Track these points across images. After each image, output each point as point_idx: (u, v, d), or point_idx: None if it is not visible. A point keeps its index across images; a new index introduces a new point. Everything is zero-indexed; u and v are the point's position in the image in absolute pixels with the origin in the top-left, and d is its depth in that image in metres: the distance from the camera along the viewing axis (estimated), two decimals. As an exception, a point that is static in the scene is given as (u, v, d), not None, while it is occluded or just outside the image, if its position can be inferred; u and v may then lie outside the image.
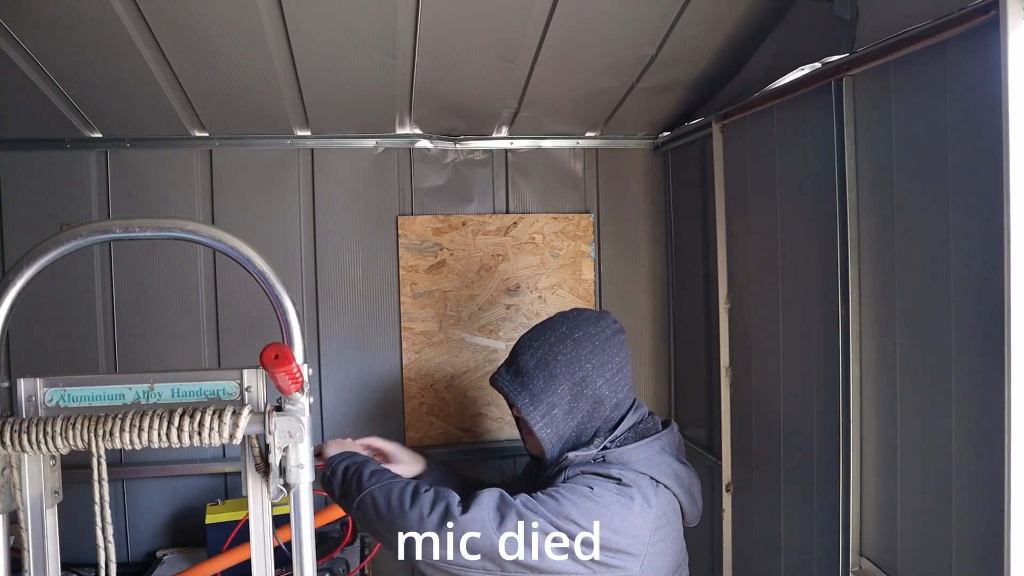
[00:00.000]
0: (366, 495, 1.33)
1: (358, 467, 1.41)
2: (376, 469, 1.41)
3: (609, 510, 1.25)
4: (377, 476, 1.38)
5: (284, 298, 0.94)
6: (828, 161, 1.42)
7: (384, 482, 1.35)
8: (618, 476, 1.30)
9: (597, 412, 1.40)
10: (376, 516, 1.30)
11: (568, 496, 1.26)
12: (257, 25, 1.48)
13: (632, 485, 1.29)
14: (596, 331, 1.42)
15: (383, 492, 1.32)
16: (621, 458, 1.35)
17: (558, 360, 1.39)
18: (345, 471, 1.41)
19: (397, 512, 1.27)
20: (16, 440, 0.86)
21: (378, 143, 2.18)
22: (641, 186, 2.33)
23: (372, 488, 1.33)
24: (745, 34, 1.62)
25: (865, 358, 1.38)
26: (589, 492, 1.27)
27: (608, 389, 1.39)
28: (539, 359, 1.40)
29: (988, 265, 1.04)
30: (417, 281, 2.20)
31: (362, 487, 1.35)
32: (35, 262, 0.90)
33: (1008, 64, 0.97)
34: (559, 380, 1.38)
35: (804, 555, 1.58)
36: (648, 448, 1.38)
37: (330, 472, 1.44)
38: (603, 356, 1.40)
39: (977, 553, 1.10)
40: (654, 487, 1.33)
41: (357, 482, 1.37)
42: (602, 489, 1.28)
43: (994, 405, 1.01)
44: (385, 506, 1.29)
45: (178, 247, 2.07)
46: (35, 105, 1.79)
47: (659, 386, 2.34)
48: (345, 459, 1.45)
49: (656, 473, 1.34)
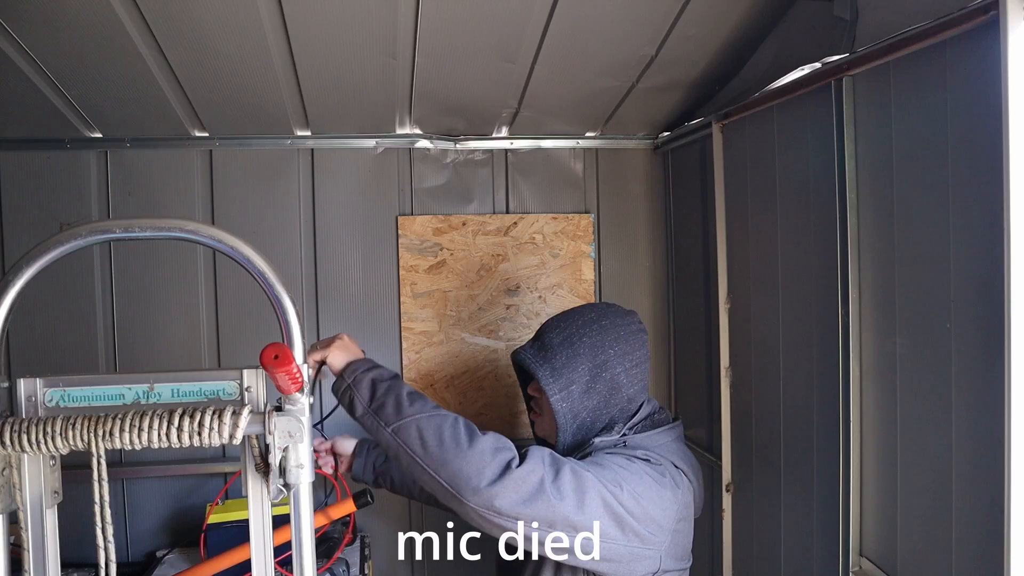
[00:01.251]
0: (409, 423, 1.21)
1: (390, 385, 1.27)
2: (412, 390, 1.28)
3: (645, 483, 1.29)
4: (419, 401, 1.25)
5: (284, 298, 0.94)
6: (828, 161, 1.42)
7: (430, 412, 1.23)
8: (645, 457, 1.34)
9: (613, 399, 1.43)
10: (423, 450, 1.19)
11: (610, 464, 1.28)
12: (257, 25, 1.48)
13: (662, 464, 1.34)
14: (622, 323, 1.47)
15: (434, 425, 1.21)
16: (643, 443, 1.40)
17: (583, 341, 1.43)
18: (373, 385, 1.27)
19: (452, 450, 1.18)
20: (16, 440, 0.87)
21: (378, 143, 2.18)
22: (641, 186, 2.33)
23: (418, 417, 1.22)
24: (745, 34, 1.62)
25: (865, 358, 1.38)
26: (628, 463, 1.30)
27: (626, 378, 1.43)
28: (564, 337, 1.44)
29: (988, 265, 1.04)
30: (417, 281, 2.20)
31: (402, 411, 1.22)
32: (35, 262, 0.90)
33: (1008, 64, 0.97)
34: (581, 359, 1.42)
35: (804, 555, 1.58)
36: (667, 435, 1.45)
37: (352, 381, 1.28)
38: (625, 347, 1.44)
39: (977, 553, 1.10)
40: (677, 472, 1.38)
41: (396, 404, 1.23)
42: (637, 464, 1.31)
43: (994, 405, 1.01)
44: (436, 441, 1.19)
45: (178, 247, 2.07)
46: (35, 105, 1.79)
47: (659, 386, 2.34)
48: (370, 369, 1.30)
49: (676, 459, 1.40)
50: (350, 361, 1.31)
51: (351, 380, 1.28)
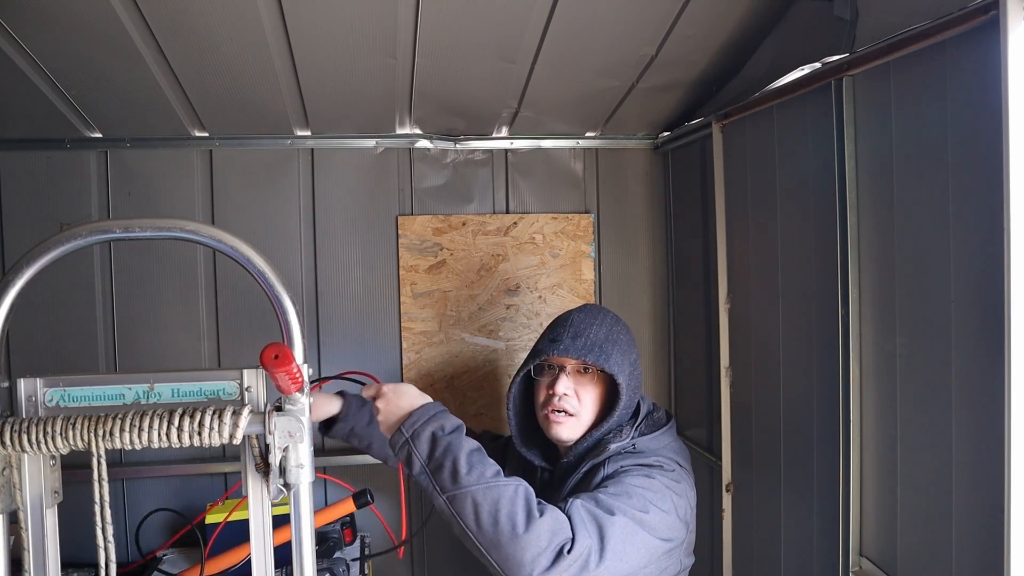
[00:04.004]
0: (464, 495, 1.15)
1: (450, 443, 1.20)
2: (472, 449, 1.20)
3: (667, 497, 1.33)
4: (478, 466, 1.18)
5: (284, 298, 0.94)
6: (828, 161, 1.42)
7: (488, 482, 1.16)
8: (659, 464, 1.39)
9: (633, 397, 1.47)
10: (476, 527, 1.14)
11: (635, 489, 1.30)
12: (257, 25, 1.48)
13: (674, 470, 1.40)
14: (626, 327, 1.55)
15: (491, 499, 1.14)
16: (651, 446, 1.44)
17: (620, 339, 1.48)
18: (433, 441, 1.21)
19: (507, 533, 1.12)
20: (16, 440, 0.86)
21: (378, 143, 2.18)
22: (641, 186, 2.33)
23: (474, 489, 1.15)
24: (745, 34, 1.62)
25: (865, 358, 1.38)
26: (651, 482, 1.33)
27: (639, 379, 1.51)
28: (606, 333, 1.47)
29: (988, 265, 1.04)
30: (417, 281, 2.20)
31: (459, 479, 1.16)
32: (35, 262, 0.90)
33: (1008, 64, 0.97)
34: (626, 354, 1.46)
35: (804, 555, 1.58)
36: (668, 435, 1.50)
37: (411, 435, 1.20)
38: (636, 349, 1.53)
39: (977, 553, 1.10)
40: (684, 471, 1.44)
41: (452, 469, 1.17)
42: (659, 478, 1.35)
43: (994, 405, 1.01)
44: (490, 520, 1.13)
45: (178, 247, 2.07)
46: (35, 105, 1.79)
47: (659, 386, 2.34)
48: (430, 420, 1.22)
49: (680, 459, 1.46)
50: (411, 410, 1.24)
51: (410, 434, 1.21)
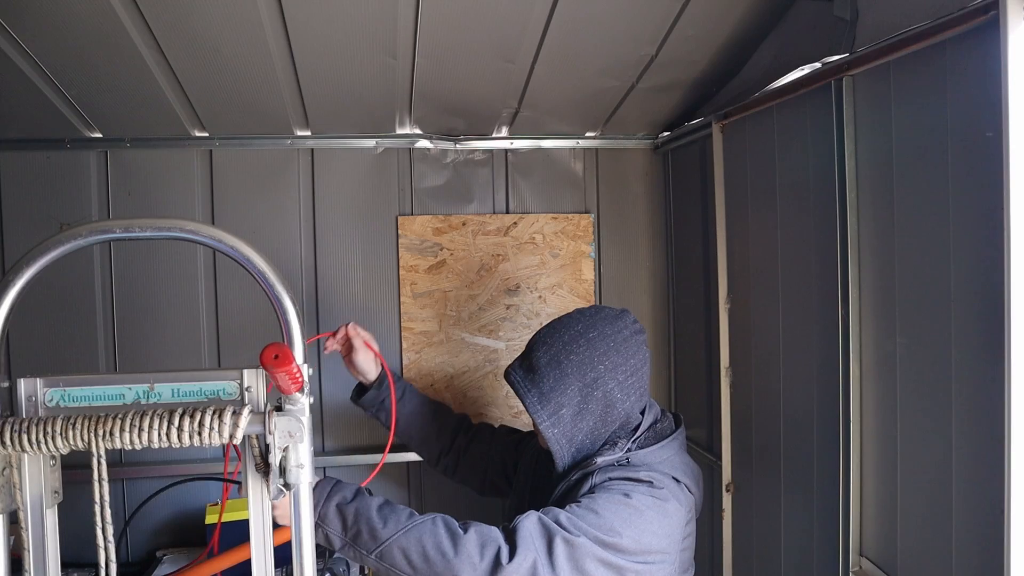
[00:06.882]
0: (390, 547, 1.20)
1: (357, 508, 1.24)
2: (380, 504, 1.25)
3: (648, 516, 1.27)
4: (392, 516, 1.23)
5: (284, 298, 0.94)
6: (828, 161, 1.42)
7: (404, 526, 1.21)
8: (648, 479, 1.31)
9: (610, 416, 1.37)
10: (412, 569, 1.19)
11: (607, 506, 1.26)
12: (257, 25, 1.48)
13: (664, 487, 1.32)
14: (612, 331, 1.39)
15: (414, 540, 1.19)
16: (645, 460, 1.36)
17: (570, 359, 1.36)
18: (341, 514, 1.25)
19: (439, 563, 1.17)
20: (16, 440, 0.86)
21: (378, 143, 2.18)
22: (641, 186, 2.33)
23: (396, 537, 1.20)
24: (745, 34, 1.62)
25: (865, 358, 1.38)
26: (627, 500, 1.27)
27: (620, 392, 1.37)
28: (551, 357, 1.38)
29: (988, 265, 1.04)
30: (417, 281, 2.20)
31: (378, 536, 1.21)
32: (35, 262, 0.90)
33: (1008, 64, 0.97)
34: (570, 380, 1.35)
35: (804, 555, 1.58)
36: (669, 448, 1.40)
37: (318, 518, 1.23)
38: (617, 358, 1.37)
39: (977, 553, 1.10)
40: (679, 487, 1.35)
41: (370, 529, 1.22)
42: (639, 496, 1.28)
43: (994, 405, 1.01)
44: (421, 559, 1.18)
45: (178, 247, 2.07)
46: (35, 105, 1.79)
47: (659, 386, 2.34)
48: (329, 496, 1.26)
49: (678, 473, 1.37)
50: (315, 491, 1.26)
51: (317, 518, 1.23)
